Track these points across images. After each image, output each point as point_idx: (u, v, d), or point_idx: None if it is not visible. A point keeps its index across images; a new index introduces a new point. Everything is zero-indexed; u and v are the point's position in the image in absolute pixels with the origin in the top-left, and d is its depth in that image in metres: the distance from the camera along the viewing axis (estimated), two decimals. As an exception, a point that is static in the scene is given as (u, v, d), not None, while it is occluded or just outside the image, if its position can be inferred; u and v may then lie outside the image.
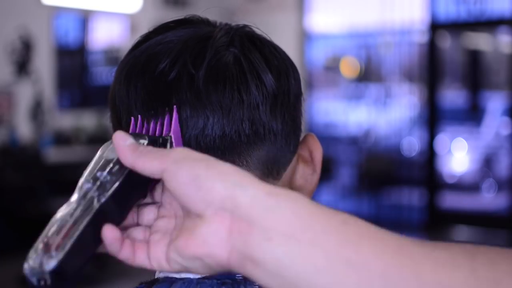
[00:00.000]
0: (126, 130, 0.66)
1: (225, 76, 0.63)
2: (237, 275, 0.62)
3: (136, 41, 0.70)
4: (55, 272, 0.50)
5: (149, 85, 0.64)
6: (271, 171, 0.67)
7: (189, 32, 0.67)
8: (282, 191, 0.52)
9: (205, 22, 0.70)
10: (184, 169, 0.52)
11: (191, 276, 0.63)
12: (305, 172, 0.72)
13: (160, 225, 0.56)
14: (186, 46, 0.64)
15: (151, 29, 0.71)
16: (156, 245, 0.55)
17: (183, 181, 0.52)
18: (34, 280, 0.51)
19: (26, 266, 0.51)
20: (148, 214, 0.58)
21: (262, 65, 0.65)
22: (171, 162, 0.53)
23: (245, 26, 0.69)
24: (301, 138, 0.72)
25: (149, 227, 0.57)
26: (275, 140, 0.66)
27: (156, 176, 0.54)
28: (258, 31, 0.70)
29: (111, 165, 0.56)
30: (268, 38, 0.69)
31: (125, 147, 0.55)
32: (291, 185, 0.70)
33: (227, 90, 0.63)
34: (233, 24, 0.69)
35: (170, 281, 0.63)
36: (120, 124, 0.67)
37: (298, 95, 0.69)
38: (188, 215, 0.54)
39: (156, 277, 0.65)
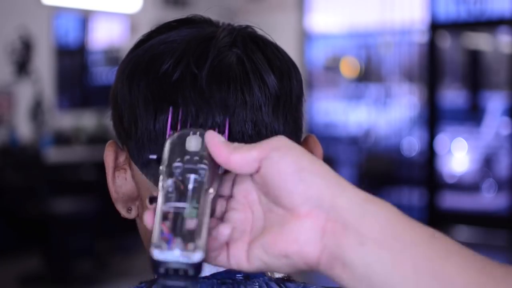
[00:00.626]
0: (128, 128, 0.65)
1: (228, 77, 0.63)
2: (237, 275, 0.62)
3: (139, 39, 0.70)
4: (198, 264, 0.50)
5: (152, 84, 0.64)
6: None
7: (192, 32, 0.66)
8: (377, 198, 0.52)
9: (208, 22, 0.70)
10: (288, 158, 0.52)
11: None
12: None
13: (235, 219, 0.55)
14: (189, 47, 0.64)
15: (153, 28, 0.71)
16: (237, 243, 0.54)
17: (284, 170, 0.52)
18: (168, 271, 0.49)
19: (157, 255, 0.49)
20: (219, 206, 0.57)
21: (264, 66, 0.65)
22: (272, 149, 0.52)
23: (247, 26, 0.69)
24: (301, 139, 0.72)
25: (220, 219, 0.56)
26: None
27: (251, 166, 0.53)
28: (260, 32, 0.69)
29: (197, 157, 0.55)
30: (270, 39, 0.69)
31: (219, 143, 0.54)
32: None
33: (231, 90, 0.63)
34: (236, 24, 0.69)
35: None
36: (122, 122, 0.67)
37: (300, 96, 0.69)
38: (271, 210, 0.53)
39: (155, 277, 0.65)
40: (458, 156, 8.54)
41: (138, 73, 0.65)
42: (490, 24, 7.01)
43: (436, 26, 6.94)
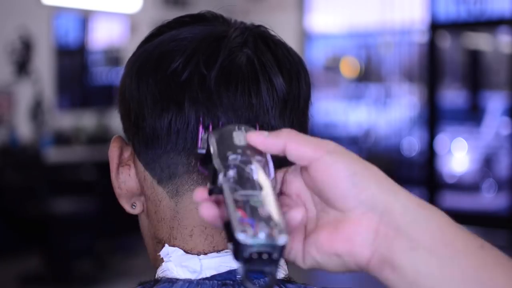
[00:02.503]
0: (134, 124, 0.65)
1: (237, 78, 0.63)
2: (238, 276, 0.62)
3: (150, 33, 0.69)
4: (283, 247, 0.50)
5: (161, 83, 0.63)
6: None
7: (203, 30, 0.66)
8: (429, 204, 0.54)
9: (219, 19, 0.69)
10: (341, 163, 0.53)
11: (192, 277, 0.62)
12: None
13: (290, 215, 0.55)
14: (199, 46, 0.64)
15: (164, 22, 0.70)
16: (295, 239, 0.55)
17: (337, 175, 0.53)
18: (252, 255, 0.50)
19: (244, 239, 0.49)
20: None
21: (274, 69, 0.64)
22: (325, 152, 0.53)
23: (259, 26, 0.68)
24: None
25: None
26: None
27: (302, 163, 0.54)
28: (272, 32, 0.69)
29: (249, 151, 0.56)
30: (282, 40, 0.68)
31: (270, 135, 0.55)
32: None
33: (239, 92, 0.62)
34: (249, 23, 0.68)
35: (171, 281, 0.63)
36: (129, 117, 0.66)
37: (308, 99, 0.69)
38: (324, 209, 0.55)
39: (156, 277, 0.65)
40: (458, 156, 8.54)
41: (147, 70, 0.65)
42: (490, 24, 7.01)
43: (436, 26, 6.94)
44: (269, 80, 0.64)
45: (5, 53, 6.13)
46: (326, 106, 8.21)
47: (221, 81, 0.62)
